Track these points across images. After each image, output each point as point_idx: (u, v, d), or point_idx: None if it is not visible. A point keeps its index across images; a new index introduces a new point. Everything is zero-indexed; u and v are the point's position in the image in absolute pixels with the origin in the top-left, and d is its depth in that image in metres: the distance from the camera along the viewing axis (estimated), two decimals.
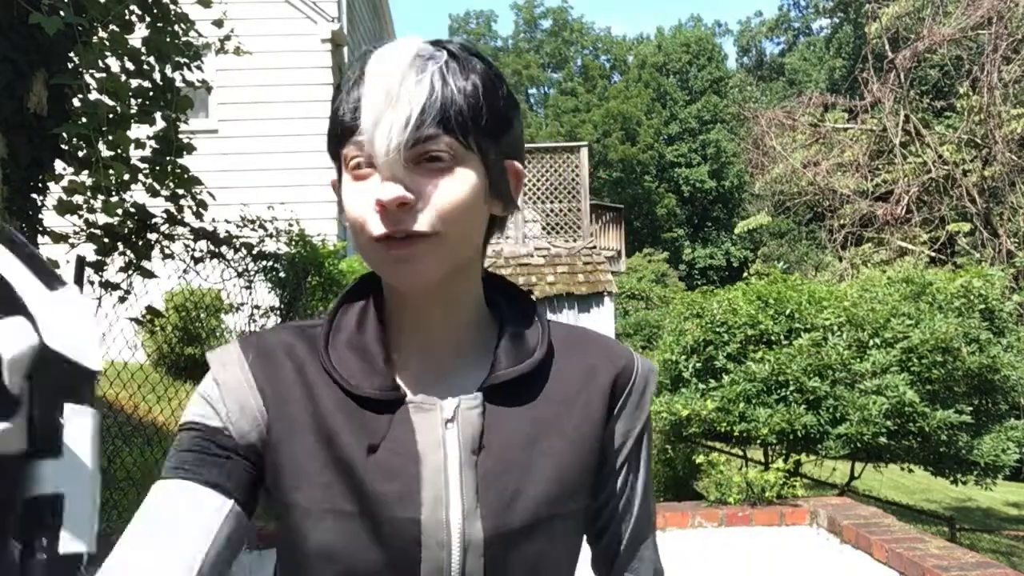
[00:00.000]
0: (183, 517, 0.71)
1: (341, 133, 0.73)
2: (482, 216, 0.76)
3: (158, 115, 3.56)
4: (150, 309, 3.84)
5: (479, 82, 0.73)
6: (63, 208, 3.35)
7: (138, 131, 3.48)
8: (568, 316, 9.77)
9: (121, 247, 3.67)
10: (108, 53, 3.24)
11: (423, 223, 0.70)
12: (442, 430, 0.76)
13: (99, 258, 3.60)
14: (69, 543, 0.62)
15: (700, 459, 4.07)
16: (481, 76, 0.74)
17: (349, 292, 0.84)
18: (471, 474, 0.74)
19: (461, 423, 0.76)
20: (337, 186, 0.76)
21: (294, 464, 0.74)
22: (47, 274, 0.66)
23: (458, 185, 0.72)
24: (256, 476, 0.76)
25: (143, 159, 3.58)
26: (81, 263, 3.57)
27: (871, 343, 5.37)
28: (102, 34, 3.25)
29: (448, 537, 0.73)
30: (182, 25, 3.66)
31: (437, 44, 0.74)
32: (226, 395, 0.76)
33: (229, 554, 0.73)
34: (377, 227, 0.70)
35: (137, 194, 3.62)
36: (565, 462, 0.77)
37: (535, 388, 0.79)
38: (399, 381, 0.79)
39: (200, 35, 3.81)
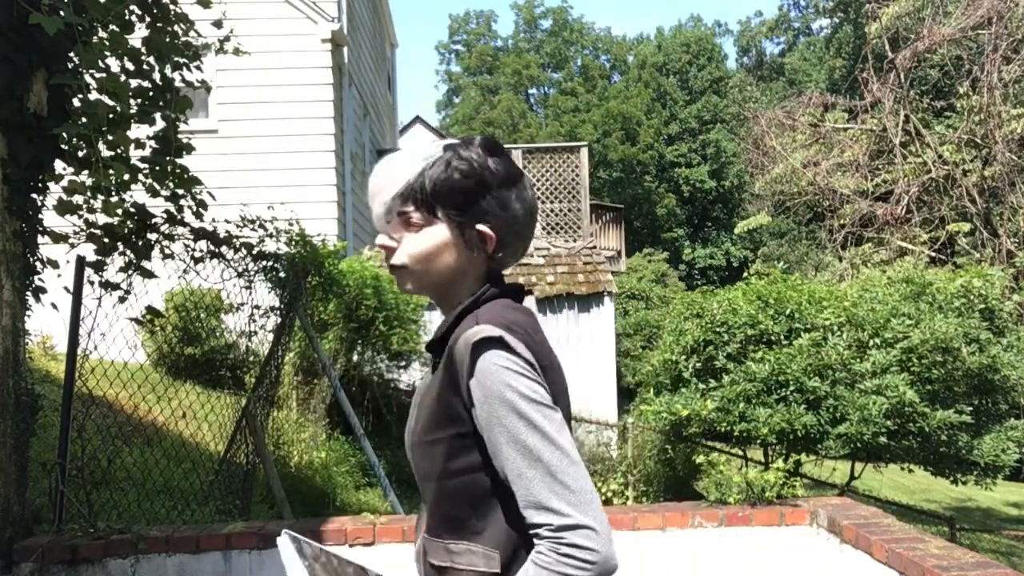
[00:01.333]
0: None
1: None
2: (452, 258, 1.19)
3: (158, 115, 3.56)
4: (150, 309, 3.84)
5: (445, 174, 1.16)
6: (63, 208, 3.35)
7: (138, 131, 3.48)
8: (568, 316, 9.76)
9: (121, 247, 3.68)
10: (108, 53, 3.24)
11: (396, 260, 1.22)
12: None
13: (99, 258, 3.60)
14: None
15: (700, 459, 4.06)
16: (447, 169, 1.17)
17: None
18: (414, 408, 1.27)
19: (426, 375, 1.31)
20: None
21: None
22: None
23: (423, 237, 1.19)
24: None
25: (143, 159, 3.58)
26: (81, 263, 3.57)
27: (871, 343, 5.37)
28: (102, 34, 3.25)
29: None
30: (182, 25, 3.66)
31: (448, 146, 1.20)
32: None
33: None
34: (387, 261, 1.25)
35: (137, 194, 3.62)
36: (432, 407, 1.18)
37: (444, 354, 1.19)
38: None
39: (200, 35, 3.81)
